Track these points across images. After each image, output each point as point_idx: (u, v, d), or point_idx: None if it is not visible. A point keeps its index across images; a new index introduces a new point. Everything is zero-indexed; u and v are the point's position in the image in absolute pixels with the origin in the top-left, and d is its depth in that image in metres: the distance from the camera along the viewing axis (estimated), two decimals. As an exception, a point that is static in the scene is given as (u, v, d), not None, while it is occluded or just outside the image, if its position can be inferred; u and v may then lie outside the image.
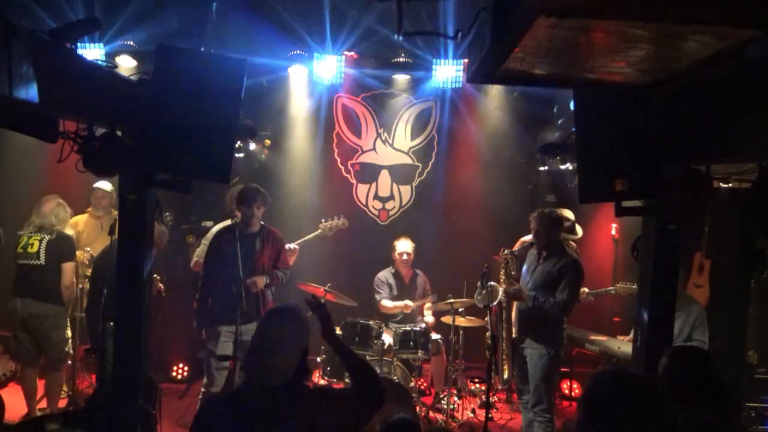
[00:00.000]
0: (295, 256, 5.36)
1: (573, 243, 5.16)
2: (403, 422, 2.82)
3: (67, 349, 4.87)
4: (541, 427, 4.28)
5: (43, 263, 4.62)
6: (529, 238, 5.04)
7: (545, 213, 4.42)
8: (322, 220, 5.73)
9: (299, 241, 5.43)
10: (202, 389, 4.70)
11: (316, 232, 5.64)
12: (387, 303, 5.77)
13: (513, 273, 4.62)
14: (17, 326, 4.67)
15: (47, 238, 4.66)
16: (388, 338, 5.14)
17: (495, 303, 4.49)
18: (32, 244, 4.64)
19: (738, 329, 5.37)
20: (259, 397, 2.00)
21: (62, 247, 4.70)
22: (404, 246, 5.82)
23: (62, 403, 4.99)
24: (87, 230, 5.38)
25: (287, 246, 5.22)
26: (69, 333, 4.91)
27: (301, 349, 2.05)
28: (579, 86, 2.71)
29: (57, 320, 4.72)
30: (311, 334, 2.14)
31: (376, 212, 6.92)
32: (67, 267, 4.71)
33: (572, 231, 5.35)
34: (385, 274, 5.92)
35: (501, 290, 4.53)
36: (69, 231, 4.86)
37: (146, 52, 5.60)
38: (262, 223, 4.77)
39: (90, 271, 4.92)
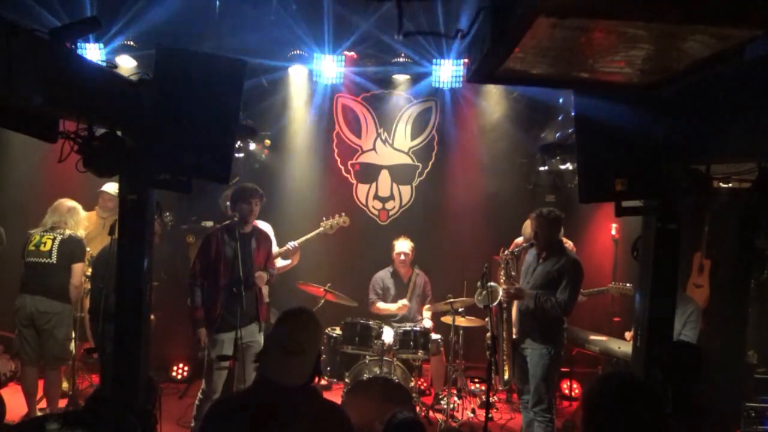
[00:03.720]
0: (297, 254, 5.35)
1: (570, 242, 5.16)
2: (408, 421, 2.80)
3: (71, 348, 4.89)
4: (541, 427, 4.28)
5: (55, 262, 4.70)
6: (522, 239, 5.02)
7: (543, 213, 4.39)
8: (324, 219, 5.72)
9: (301, 240, 5.41)
10: (200, 395, 4.46)
11: (318, 230, 5.61)
12: (381, 305, 5.77)
13: (513, 273, 4.62)
14: (23, 323, 4.70)
15: (59, 237, 4.74)
16: (389, 335, 5.12)
17: (495, 303, 4.49)
18: (45, 243, 4.71)
19: (738, 329, 5.37)
20: (274, 396, 1.96)
21: (74, 248, 4.78)
22: (402, 246, 5.82)
23: (62, 403, 5.00)
24: (91, 227, 5.41)
25: (288, 244, 5.20)
26: (73, 332, 4.92)
27: (318, 351, 2.07)
28: (579, 86, 2.71)
29: (63, 318, 4.77)
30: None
31: (376, 212, 6.92)
32: (77, 267, 4.79)
33: None
34: (383, 275, 5.93)
35: (501, 290, 4.52)
36: (81, 233, 4.91)
37: (146, 52, 5.60)
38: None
39: (90, 270, 4.94)
